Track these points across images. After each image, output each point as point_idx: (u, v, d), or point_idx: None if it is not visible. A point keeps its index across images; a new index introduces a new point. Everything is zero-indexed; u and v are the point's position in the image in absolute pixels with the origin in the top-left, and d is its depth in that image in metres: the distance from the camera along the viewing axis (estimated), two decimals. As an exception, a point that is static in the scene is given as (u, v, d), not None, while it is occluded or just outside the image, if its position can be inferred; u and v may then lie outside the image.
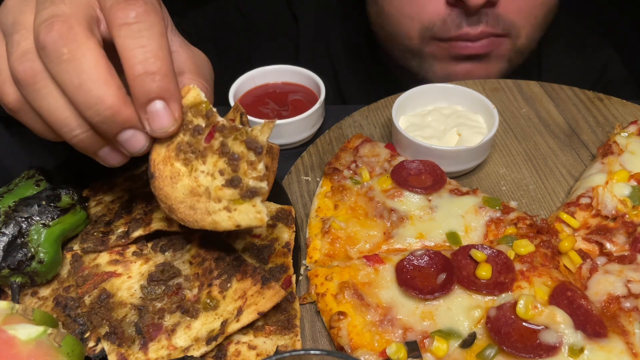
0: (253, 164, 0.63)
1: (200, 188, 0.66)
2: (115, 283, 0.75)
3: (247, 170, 0.63)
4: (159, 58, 0.59)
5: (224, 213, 0.65)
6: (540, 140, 1.05)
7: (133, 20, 0.58)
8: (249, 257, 0.79)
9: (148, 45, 0.58)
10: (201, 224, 0.67)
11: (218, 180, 0.65)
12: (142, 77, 0.58)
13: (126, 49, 0.58)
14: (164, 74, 0.59)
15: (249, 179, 0.63)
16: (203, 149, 0.65)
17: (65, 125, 0.62)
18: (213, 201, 0.65)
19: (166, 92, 0.60)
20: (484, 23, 1.14)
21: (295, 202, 0.95)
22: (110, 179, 0.92)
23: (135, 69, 0.58)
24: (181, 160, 0.66)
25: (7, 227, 0.72)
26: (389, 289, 0.76)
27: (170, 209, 0.69)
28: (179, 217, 0.68)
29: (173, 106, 0.61)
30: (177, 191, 0.67)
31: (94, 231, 0.81)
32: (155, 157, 0.68)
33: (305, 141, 1.08)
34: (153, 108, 0.60)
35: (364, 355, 0.70)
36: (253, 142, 0.63)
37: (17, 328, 0.60)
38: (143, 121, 0.62)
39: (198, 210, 0.67)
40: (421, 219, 0.86)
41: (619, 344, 0.68)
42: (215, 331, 0.69)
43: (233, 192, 0.64)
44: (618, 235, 0.82)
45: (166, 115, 0.61)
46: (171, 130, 0.63)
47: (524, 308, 0.70)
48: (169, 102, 0.61)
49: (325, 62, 1.47)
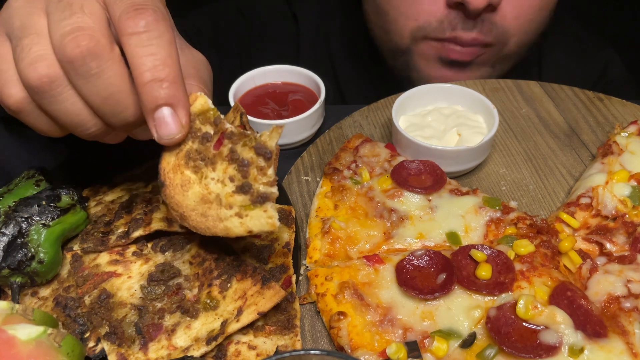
0: (263, 169, 0.63)
1: (211, 195, 0.66)
2: (115, 283, 0.75)
3: (257, 176, 0.63)
4: (167, 65, 0.59)
5: (236, 219, 0.65)
6: (540, 140, 1.05)
7: (143, 30, 0.59)
8: (249, 257, 0.79)
9: (157, 53, 0.59)
10: (213, 230, 0.67)
11: (228, 187, 0.65)
12: (151, 84, 0.59)
13: (135, 57, 0.59)
14: (172, 81, 0.60)
15: (259, 185, 0.63)
16: (212, 156, 0.65)
17: (81, 125, 0.64)
18: (224, 208, 0.66)
19: (174, 98, 0.60)
20: (477, 29, 1.14)
21: (295, 202, 0.95)
22: (110, 179, 0.92)
23: (144, 76, 0.59)
24: (191, 168, 0.67)
25: (7, 227, 0.72)
26: (389, 289, 0.76)
27: (182, 216, 0.69)
28: (191, 225, 0.69)
29: (180, 113, 0.62)
30: (188, 199, 0.68)
31: (94, 231, 0.81)
32: (165, 166, 0.68)
33: (305, 141, 1.08)
34: (160, 114, 0.61)
35: (364, 355, 0.70)
36: (262, 148, 0.63)
37: (17, 328, 0.60)
38: (151, 128, 0.62)
39: (210, 217, 0.67)
40: (421, 219, 0.86)
41: (619, 344, 0.68)
42: (215, 331, 0.69)
43: (244, 198, 0.64)
44: (618, 235, 0.82)
45: (173, 121, 0.62)
46: (178, 137, 0.63)
47: (524, 308, 0.70)
48: (176, 109, 0.61)
49: (325, 62, 1.47)
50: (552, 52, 1.44)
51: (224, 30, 1.45)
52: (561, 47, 1.45)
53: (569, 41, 1.47)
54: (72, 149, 0.68)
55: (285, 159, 1.03)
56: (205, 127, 0.65)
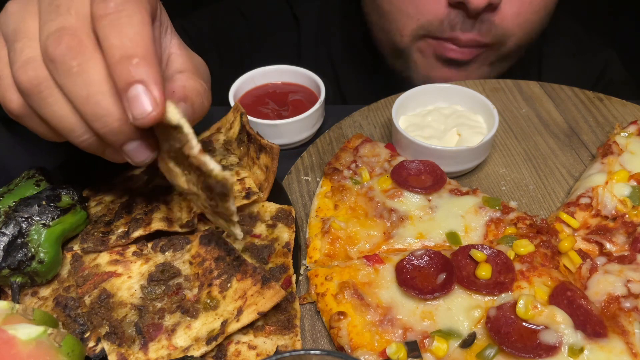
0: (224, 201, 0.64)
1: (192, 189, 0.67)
2: (115, 283, 0.75)
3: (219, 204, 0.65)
4: (135, 42, 0.57)
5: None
6: (540, 140, 1.05)
7: (112, 11, 0.58)
8: (249, 257, 0.79)
9: (125, 31, 0.57)
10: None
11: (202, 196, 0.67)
12: (120, 61, 0.57)
13: (105, 39, 0.58)
14: (142, 57, 0.57)
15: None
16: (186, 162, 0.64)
17: (72, 131, 0.63)
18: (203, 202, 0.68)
19: (144, 74, 0.57)
20: (476, 30, 1.14)
21: (295, 202, 0.95)
22: (110, 179, 0.92)
23: (114, 55, 0.57)
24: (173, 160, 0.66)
25: (7, 227, 0.72)
26: (389, 289, 0.76)
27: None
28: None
29: (153, 89, 0.57)
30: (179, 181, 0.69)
31: (94, 231, 0.81)
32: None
33: (305, 141, 1.08)
34: (132, 93, 0.57)
35: (364, 355, 0.70)
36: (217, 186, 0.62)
37: (17, 328, 0.60)
38: (126, 110, 0.59)
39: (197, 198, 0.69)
40: (421, 219, 0.86)
41: (619, 344, 0.68)
42: (215, 331, 0.69)
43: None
44: (618, 235, 0.82)
45: (146, 98, 0.57)
46: (153, 114, 0.58)
47: (523, 308, 0.70)
48: (148, 86, 0.58)
49: (325, 62, 1.47)
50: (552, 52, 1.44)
51: (225, 31, 1.45)
52: (561, 47, 1.45)
53: (569, 41, 1.47)
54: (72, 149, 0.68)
55: (285, 159, 1.03)
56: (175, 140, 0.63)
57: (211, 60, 0.80)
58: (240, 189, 0.85)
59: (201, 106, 0.70)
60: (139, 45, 0.58)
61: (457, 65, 1.22)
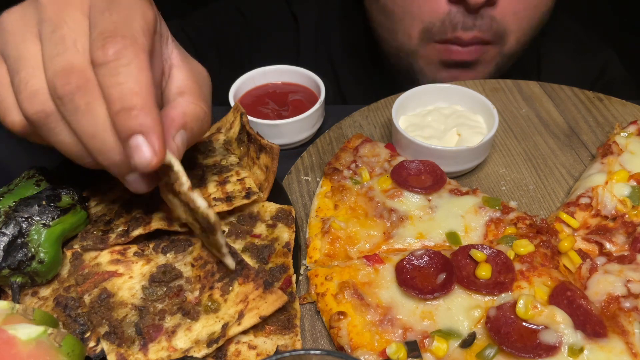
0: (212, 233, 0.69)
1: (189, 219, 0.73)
2: (116, 283, 0.75)
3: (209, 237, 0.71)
4: (135, 94, 0.59)
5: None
6: (540, 140, 1.05)
7: (111, 58, 0.59)
8: (249, 257, 0.79)
9: (125, 82, 0.58)
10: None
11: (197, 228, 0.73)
12: (121, 113, 0.59)
13: (105, 87, 0.59)
14: (141, 109, 0.59)
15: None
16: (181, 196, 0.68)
17: (76, 157, 0.66)
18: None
19: (143, 126, 0.59)
20: (477, 28, 1.15)
21: (295, 202, 0.95)
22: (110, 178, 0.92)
23: (114, 106, 0.59)
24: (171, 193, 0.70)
25: (7, 227, 0.72)
26: (388, 289, 0.76)
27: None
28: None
29: (152, 139, 0.60)
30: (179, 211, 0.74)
31: (94, 230, 0.81)
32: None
33: (305, 141, 1.08)
34: (133, 143, 0.60)
35: (364, 355, 0.70)
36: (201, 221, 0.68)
37: (17, 328, 0.60)
38: (128, 157, 0.62)
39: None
40: (421, 219, 0.86)
41: (619, 344, 0.68)
42: (216, 334, 0.69)
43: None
44: (618, 235, 0.82)
45: (146, 149, 0.60)
46: (153, 163, 0.61)
47: (523, 308, 0.70)
48: (147, 136, 0.60)
49: (325, 62, 1.47)
50: (551, 52, 1.44)
51: (224, 31, 1.45)
52: (561, 47, 1.45)
53: (568, 41, 1.47)
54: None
55: (285, 159, 1.03)
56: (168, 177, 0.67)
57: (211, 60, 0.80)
58: (240, 189, 0.85)
59: (200, 130, 0.71)
60: (137, 94, 0.59)
61: (462, 68, 1.23)
